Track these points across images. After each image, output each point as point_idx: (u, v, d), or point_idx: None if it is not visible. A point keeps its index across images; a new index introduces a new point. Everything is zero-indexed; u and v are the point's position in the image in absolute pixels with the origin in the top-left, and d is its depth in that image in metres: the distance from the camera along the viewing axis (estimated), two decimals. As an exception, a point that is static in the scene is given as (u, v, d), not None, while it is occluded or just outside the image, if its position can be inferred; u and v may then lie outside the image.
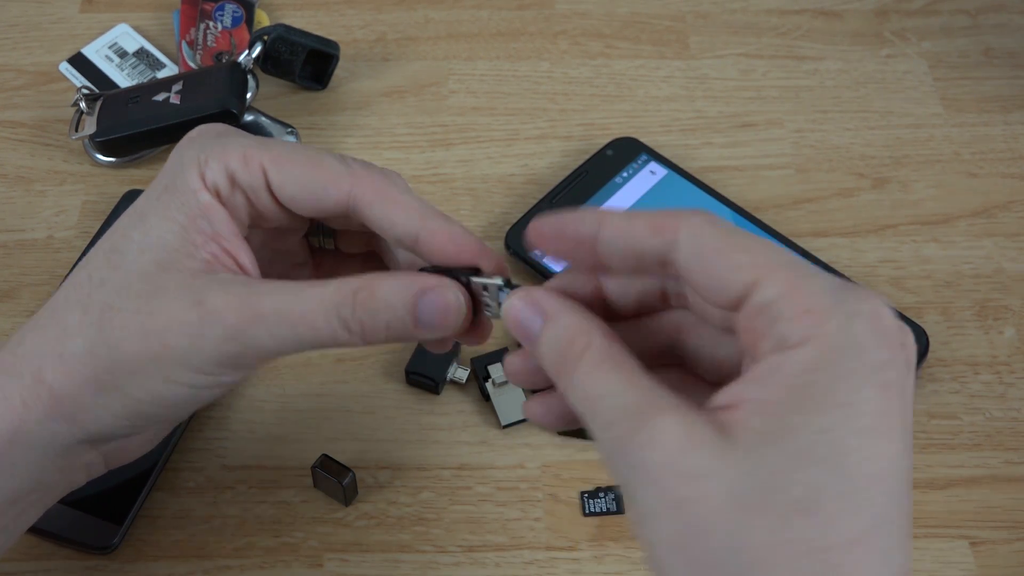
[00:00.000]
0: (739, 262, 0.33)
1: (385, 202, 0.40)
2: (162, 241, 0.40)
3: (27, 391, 0.40)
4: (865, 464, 0.31)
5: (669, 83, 0.70)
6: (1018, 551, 0.53)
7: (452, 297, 0.39)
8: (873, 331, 0.32)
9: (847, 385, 0.32)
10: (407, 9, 0.73)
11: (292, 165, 0.41)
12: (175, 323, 0.39)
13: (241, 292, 0.39)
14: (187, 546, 0.52)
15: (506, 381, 0.56)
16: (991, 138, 0.68)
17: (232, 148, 0.41)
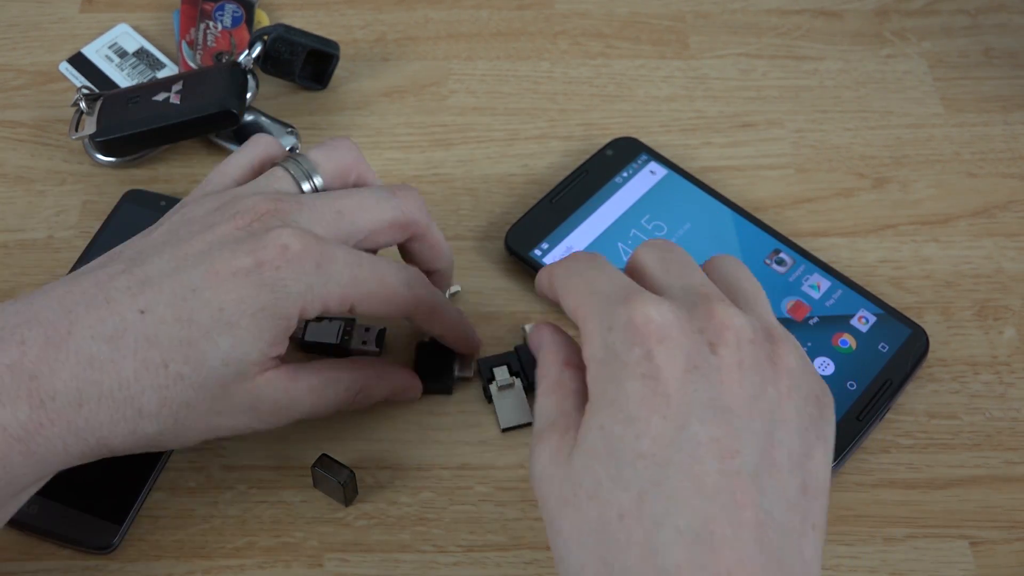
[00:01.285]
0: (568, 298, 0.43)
1: (432, 323, 0.53)
2: (247, 357, 0.45)
3: (89, 449, 0.44)
4: (632, 444, 0.38)
5: (669, 83, 0.70)
6: (1018, 551, 0.53)
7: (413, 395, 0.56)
8: (625, 334, 0.39)
9: (612, 386, 0.39)
10: (407, 9, 0.73)
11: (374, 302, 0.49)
12: (234, 423, 0.47)
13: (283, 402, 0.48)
14: (187, 546, 0.52)
15: (510, 384, 0.56)
16: (991, 138, 0.68)
17: (334, 292, 0.47)
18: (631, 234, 0.61)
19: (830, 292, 0.59)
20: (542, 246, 0.61)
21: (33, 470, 0.43)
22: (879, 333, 0.58)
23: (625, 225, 0.62)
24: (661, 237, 0.61)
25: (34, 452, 0.42)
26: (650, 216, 0.62)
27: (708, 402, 0.38)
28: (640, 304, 0.39)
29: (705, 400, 0.38)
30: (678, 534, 0.36)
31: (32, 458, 0.42)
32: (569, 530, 0.38)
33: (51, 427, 0.42)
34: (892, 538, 0.53)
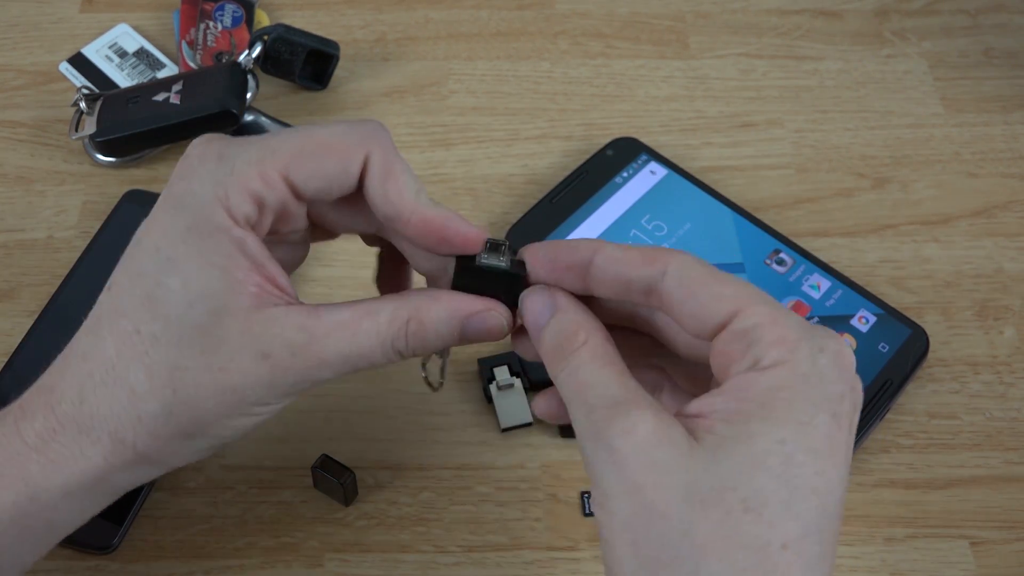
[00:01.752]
0: (722, 293, 0.38)
1: (385, 176, 0.42)
2: (209, 290, 0.40)
3: (108, 450, 0.41)
4: (810, 479, 0.35)
5: (669, 83, 0.70)
6: (1018, 551, 0.53)
7: (495, 321, 0.42)
8: (835, 366, 0.37)
9: (806, 407, 0.36)
10: (407, 9, 0.73)
11: (307, 159, 0.41)
12: (248, 378, 0.41)
13: (302, 342, 0.41)
14: (187, 546, 0.52)
15: (510, 384, 0.56)
16: (991, 138, 0.68)
17: (247, 173, 0.41)
18: (631, 234, 0.61)
19: (830, 292, 0.59)
20: (542, 246, 0.61)
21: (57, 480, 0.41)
22: (879, 333, 0.58)
23: (625, 225, 0.62)
24: (661, 237, 0.61)
25: (53, 460, 0.41)
26: (650, 216, 0.62)
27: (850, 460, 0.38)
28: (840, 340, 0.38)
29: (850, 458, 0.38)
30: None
31: (52, 467, 0.41)
32: (710, 536, 0.34)
33: (63, 431, 0.41)
34: (892, 538, 0.53)
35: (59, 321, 0.58)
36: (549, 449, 0.55)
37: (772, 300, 0.38)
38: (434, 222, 0.42)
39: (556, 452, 0.55)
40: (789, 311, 0.38)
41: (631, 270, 0.39)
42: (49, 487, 0.41)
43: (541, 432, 0.56)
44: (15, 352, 0.57)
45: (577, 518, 0.53)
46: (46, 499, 0.41)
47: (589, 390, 0.38)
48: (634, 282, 0.39)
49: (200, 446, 0.42)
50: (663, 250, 0.39)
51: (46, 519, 0.42)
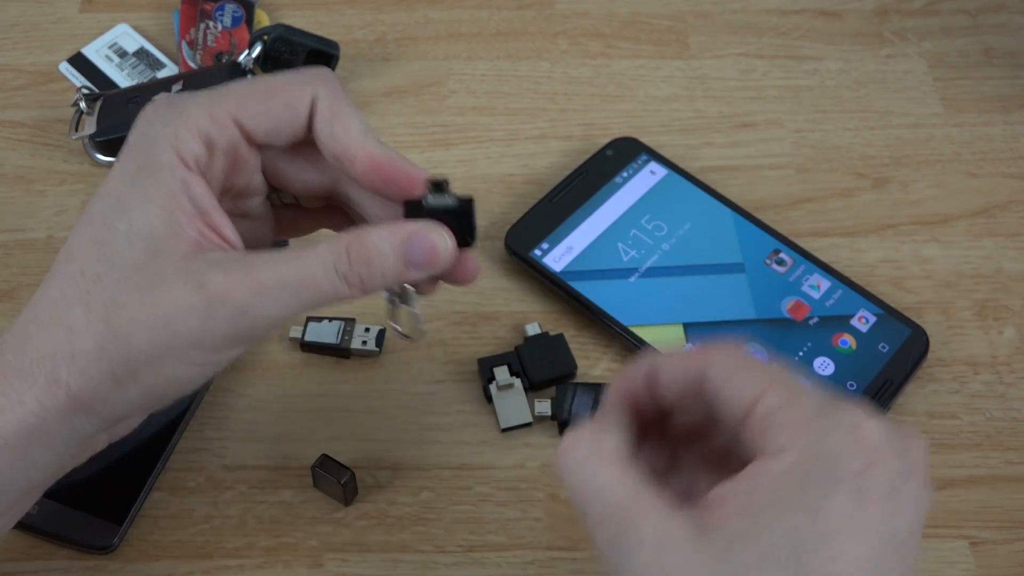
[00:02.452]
0: (747, 380, 0.38)
1: (333, 116, 0.42)
2: (149, 228, 0.40)
3: (42, 392, 0.40)
4: (827, 564, 0.34)
5: (669, 83, 0.70)
6: (1018, 551, 0.53)
7: (437, 237, 0.42)
8: (849, 442, 0.36)
9: (817, 490, 0.35)
10: (407, 9, 0.73)
11: (255, 101, 0.42)
12: (182, 309, 0.39)
13: (240, 269, 0.40)
14: (187, 546, 0.52)
15: (510, 384, 0.56)
16: (991, 138, 0.68)
17: (197, 113, 0.41)
18: (631, 234, 0.61)
19: (830, 292, 0.59)
20: (542, 246, 0.61)
21: None
22: (879, 333, 0.58)
23: (625, 225, 0.62)
24: (661, 237, 0.61)
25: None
26: (650, 216, 0.62)
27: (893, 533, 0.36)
28: (861, 413, 0.37)
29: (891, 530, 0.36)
30: None
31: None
32: None
33: (2, 379, 0.41)
34: (892, 538, 0.53)
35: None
36: (549, 449, 0.55)
37: (796, 382, 0.38)
38: (379, 159, 0.42)
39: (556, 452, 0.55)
40: (811, 391, 0.38)
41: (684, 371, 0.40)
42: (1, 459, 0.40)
43: (541, 432, 0.56)
44: (15, 352, 0.57)
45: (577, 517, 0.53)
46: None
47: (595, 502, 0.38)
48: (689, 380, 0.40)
49: (133, 395, 0.41)
50: (706, 348, 0.40)
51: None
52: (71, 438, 0.42)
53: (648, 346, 0.57)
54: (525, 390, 0.56)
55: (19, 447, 0.41)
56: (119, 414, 0.42)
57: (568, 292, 0.59)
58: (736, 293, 0.59)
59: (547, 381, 0.57)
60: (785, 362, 0.51)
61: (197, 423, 0.56)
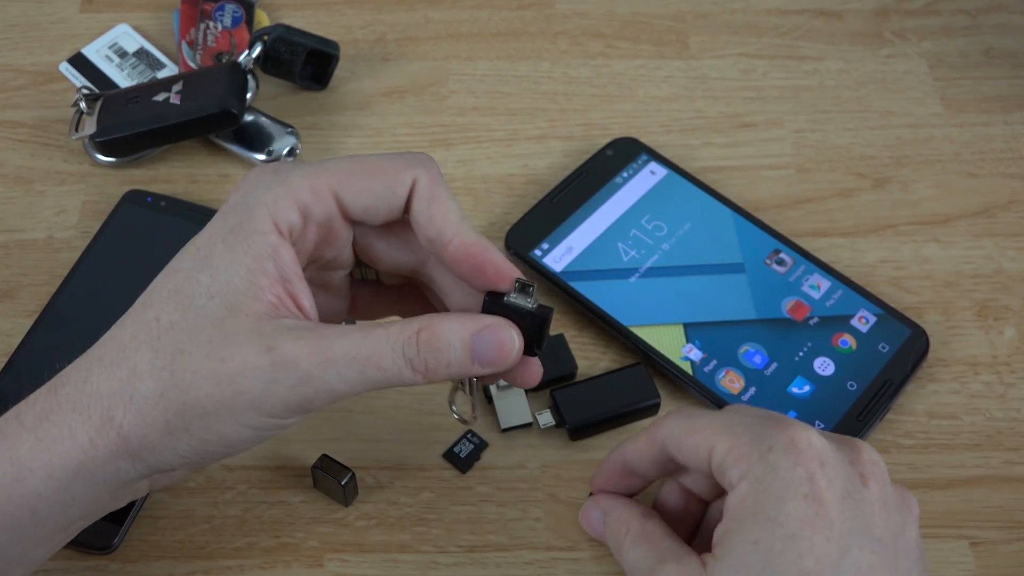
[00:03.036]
0: (696, 440, 0.44)
1: (432, 200, 0.43)
2: (230, 285, 0.41)
3: (95, 430, 0.41)
4: (794, 561, 0.39)
5: (669, 83, 0.70)
6: (1018, 551, 0.53)
7: (507, 335, 0.42)
8: (789, 455, 0.41)
9: (772, 503, 0.40)
10: (407, 9, 0.73)
11: (357, 178, 0.43)
12: (248, 369, 0.40)
13: (311, 338, 0.40)
14: (187, 546, 0.52)
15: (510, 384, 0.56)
16: (991, 138, 0.68)
17: (300, 184, 0.42)
18: (631, 234, 0.61)
19: (830, 292, 0.59)
20: (542, 246, 0.61)
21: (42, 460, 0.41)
22: (879, 333, 0.58)
23: (625, 225, 0.62)
24: (661, 237, 0.61)
25: (42, 439, 0.41)
26: (650, 216, 0.62)
27: (863, 530, 0.40)
28: (798, 428, 0.42)
29: (861, 528, 0.40)
30: None
31: (39, 446, 0.41)
32: None
33: (59, 411, 0.41)
34: (892, 538, 0.53)
35: (59, 321, 0.58)
36: (549, 449, 0.55)
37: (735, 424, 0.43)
38: (473, 248, 0.43)
39: (556, 452, 0.55)
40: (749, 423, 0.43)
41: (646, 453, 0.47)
42: (34, 467, 0.41)
43: (541, 432, 0.56)
44: (15, 352, 0.57)
45: (577, 518, 0.53)
46: (30, 482, 0.41)
47: (636, 566, 0.45)
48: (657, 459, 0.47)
49: (182, 447, 0.41)
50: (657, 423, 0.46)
51: (29, 505, 0.41)
52: (114, 480, 0.42)
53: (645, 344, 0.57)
54: (525, 390, 0.56)
55: (64, 480, 0.41)
56: (164, 464, 0.42)
57: (568, 292, 0.59)
58: (736, 293, 0.59)
59: (547, 381, 0.57)
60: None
61: (197, 423, 0.56)
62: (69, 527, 0.44)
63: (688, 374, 0.56)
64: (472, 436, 0.55)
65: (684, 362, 0.57)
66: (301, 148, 0.65)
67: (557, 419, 0.55)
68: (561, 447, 0.56)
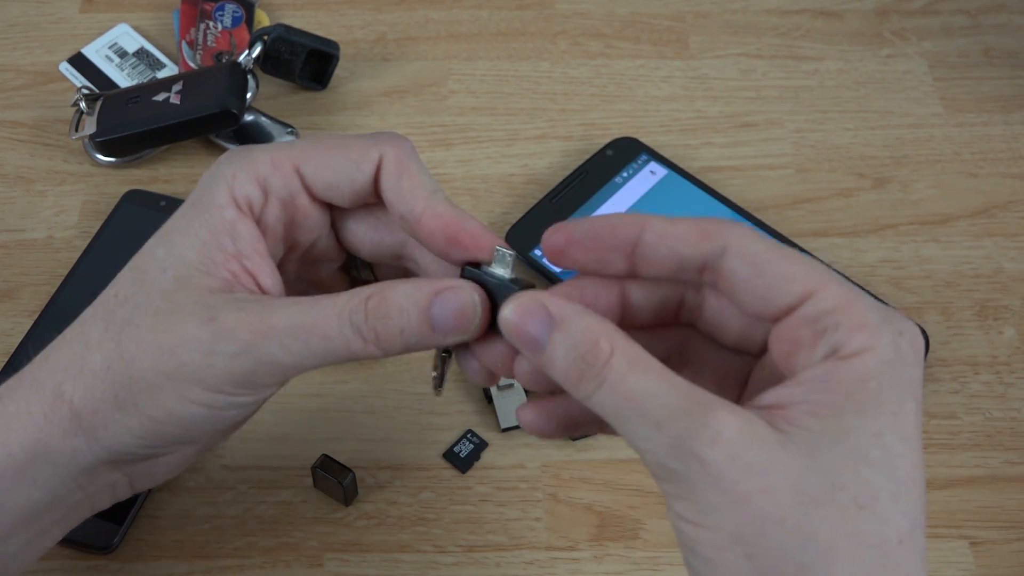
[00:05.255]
0: (793, 273, 0.35)
1: (400, 174, 0.40)
2: (182, 258, 0.40)
3: (48, 405, 0.41)
4: (910, 470, 0.34)
5: (669, 83, 0.70)
6: (1018, 551, 0.53)
7: (467, 298, 0.38)
8: (914, 350, 0.35)
9: (896, 395, 0.34)
10: (407, 9, 0.73)
11: (320, 152, 0.41)
12: (188, 339, 0.39)
13: (254, 308, 0.39)
14: (187, 546, 0.52)
15: (510, 384, 0.56)
16: (991, 138, 0.68)
17: (260, 158, 0.41)
18: (631, 234, 0.61)
19: (830, 292, 0.59)
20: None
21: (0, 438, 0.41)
22: (879, 333, 0.58)
23: (625, 225, 0.62)
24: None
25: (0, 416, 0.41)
26: (650, 216, 0.62)
27: None
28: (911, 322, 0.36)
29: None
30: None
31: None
32: (832, 537, 0.32)
33: (19, 387, 0.41)
34: (892, 538, 0.53)
35: (59, 321, 0.58)
36: (549, 449, 0.55)
37: (844, 281, 0.35)
38: (446, 218, 0.40)
39: (556, 452, 0.55)
40: (862, 292, 0.35)
41: (685, 247, 0.36)
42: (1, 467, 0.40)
43: (541, 432, 0.56)
44: (15, 352, 0.57)
45: (577, 518, 0.53)
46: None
47: (647, 402, 0.34)
48: (689, 259, 0.36)
49: (131, 424, 0.40)
50: (719, 222, 0.36)
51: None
52: (72, 461, 0.41)
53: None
54: (525, 390, 0.56)
55: (21, 459, 0.41)
56: (119, 444, 0.41)
57: (568, 292, 0.59)
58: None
59: (547, 381, 0.57)
60: None
61: (197, 423, 0.56)
62: (37, 516, 0.42)
63: (688, 374, 0.56)
64: (472, 436, 0.55)
65: (684, 362, 0.57)
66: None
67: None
68: (561, 447, 0.56)
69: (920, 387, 0.35)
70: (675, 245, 0.36)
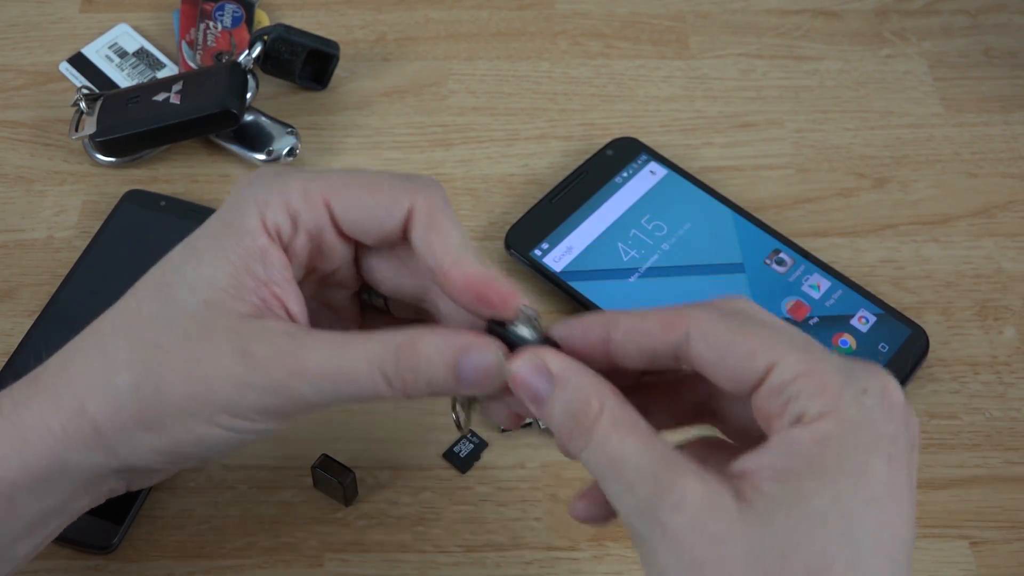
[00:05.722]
0: (753, 349, 0.36)
1: (430, 226, 0.40)
2: (212, 281, 0.40)
3: (68, 419, 0.40)
4: (873, 532, 0.33)
5: (669, 83, 0.70)
6: (1018, 551, 0.53)
7: (492, 357, 0.38)
8: (882, 407, 0.35)
9: (858, 456, 0.34)
10: (407, 9, 0.73)
11: (353, 191, 0.41)
12: (221, 371, 0.39)
13: (286, 345, 0.39)
14: (187, 546, 0.52)
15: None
16: (991, 138, 0.68)
17: (292, 187, 0.41)
18: (631, 234, 0.61)
19: (830, 292, 0.59)
20: (542, 246, 0.61)
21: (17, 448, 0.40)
22: (879, 333, 0.58)
23: (625, 225, 0.62)
24: (661, 237, 0.61)
25: (16, 426, 0.40)
26: (650, 216, 0.62)
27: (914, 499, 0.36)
28: (886, 373, 0.36)
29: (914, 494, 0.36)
30: None
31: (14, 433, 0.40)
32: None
33: (36, 397, 0.41)
34: (892, 538, 0.53)
35: (59, 321, 0.58)
36: (549, 449, 0.55)
37: (806, 342, 0.36)
38: (475, 277, 0.40)
39: (556, 452, 0.55)
40: (826, 351, 0.36)
41: (653, 341, 0.37)
42: (9, 454, 0.40)
43: (541, 432, 0.56)
44: (15, 352, 0.57)
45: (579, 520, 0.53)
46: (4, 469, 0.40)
47: (624, 464, 0.35)
48: (659, 351, 0.37)
49: (156, 444, 0.40)
50: (680, 310, 0.37)
51: (7, 495, 0.41)
52: (89, 472, 0.41)
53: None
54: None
55: (38, 470, 0.41)
56: (141, 461, 0.41)
57: (568, 292, 0.59)
58: (736, 293, 0.59)
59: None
60: None
61: (197, 423, 0.56)
62: (47, 522, 0.43)
63: (688, 374, 0.56)
64: (472, 436, 0.55)
65: (684, 362, 0.57)
66: (301, 148, 0.65)
67: None
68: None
69: (900, 440, 0.35)
70: (642, 341, 0.38)
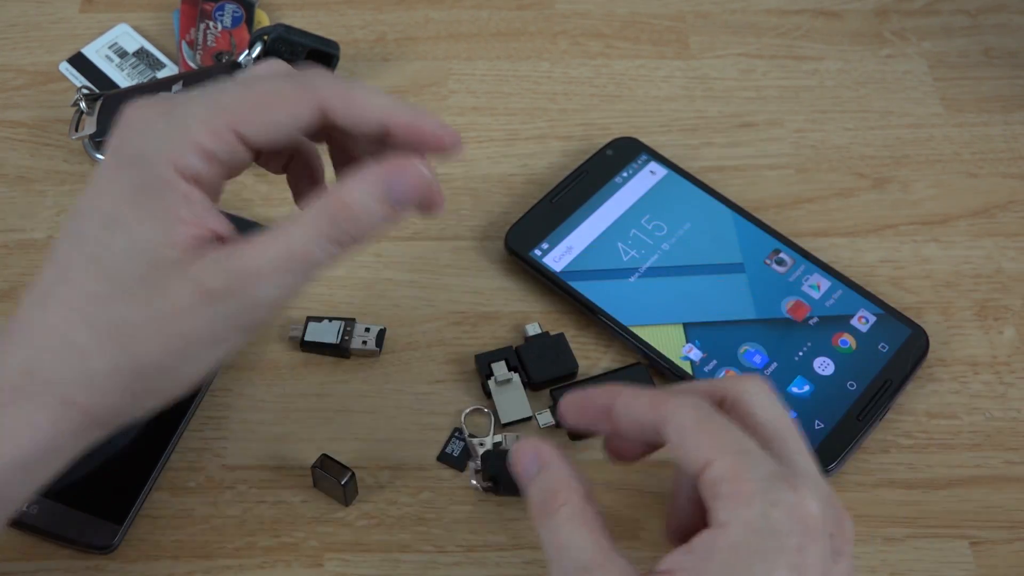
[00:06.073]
0: (700, 443, 0.40)
1: (350, 105, 0.42)
2: (147, 241, 0.40)
3: (55, 413, 0.41)
4: None
5: (669, 83, 0.70)
6: (1018, 551, 0.53)
7: (411, 169, 0.42)
8: (790, 519, 0.38)
9: (760, 563, 0.37)
10: (407, 9, 0.73)
11: (257, 111, 0.42)
12: (190, 318, 0.40)
13: (233, 263, 0.40)
14: (187, 546, 0.52)
15: (508, 379, 0.56)
16: (991, 138, 0.68)
17: (197, 128, 0.41)
18: (631, 234, 0.61)
19: (830, 292, 0.59)
20: (542, 246, 0.61)
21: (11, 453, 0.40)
22: (879, 333, 0.58)
23: (625, 225, 0.62)
24: (661, 237, 0.61)
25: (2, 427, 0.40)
26: (650, 216, 0.62)
27: None
28: (806, 492, 0.38)
29: None
30: None
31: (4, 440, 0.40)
32: None
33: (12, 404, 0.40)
34: (892, 538, 0.53)
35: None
36: (549, 449, 0.55)
37: (746, 447, 0.39)
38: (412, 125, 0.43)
39: (556, 452, 0.55)
40: (759, 459, 0.39)
41: (642, 417, 0.42)
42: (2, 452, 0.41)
43: (541, 432, 0.56)
44: (15, 352, 0.57)
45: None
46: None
47: (564, 552, 0.40)
48: (647, 426, 0.42)
49: (148, 404, 0.42)
50: (667, 395, 0.42)
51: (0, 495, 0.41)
52: (86, 445, 0.42)
53: (646, 345, 0.57)
54: (523, 385, 0.56)
55: (36, 467, 0.41)
56: (137, 419, 0.43)
57: (568, 292, 0.59)
58: (736, 293, 0.59)
59: (549, 381, 0.57)
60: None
61: (197, 423, 0.56)
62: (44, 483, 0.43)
63: (688, 374, 0.56)
64: (459, 434, 0.55)
65: (684, 362, 0.57)
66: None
67: (557, 418, 0.55)
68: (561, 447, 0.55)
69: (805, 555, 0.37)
70: (634, 414, 0.42)
